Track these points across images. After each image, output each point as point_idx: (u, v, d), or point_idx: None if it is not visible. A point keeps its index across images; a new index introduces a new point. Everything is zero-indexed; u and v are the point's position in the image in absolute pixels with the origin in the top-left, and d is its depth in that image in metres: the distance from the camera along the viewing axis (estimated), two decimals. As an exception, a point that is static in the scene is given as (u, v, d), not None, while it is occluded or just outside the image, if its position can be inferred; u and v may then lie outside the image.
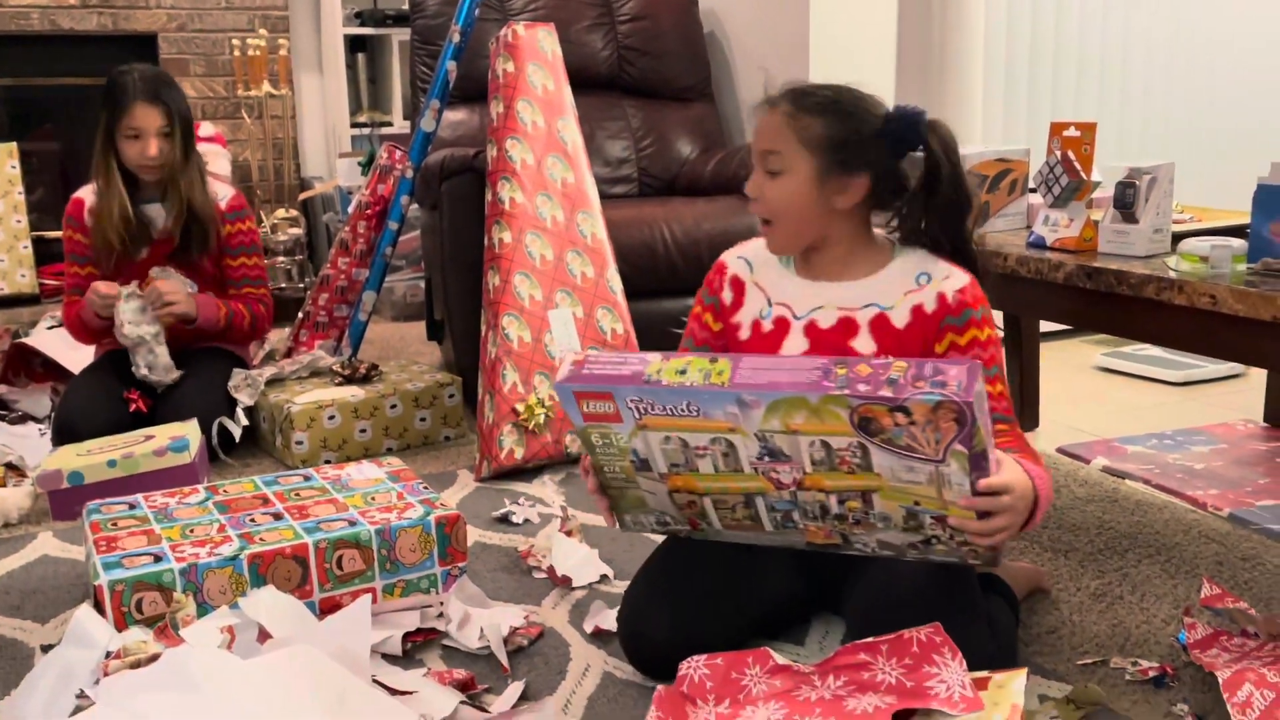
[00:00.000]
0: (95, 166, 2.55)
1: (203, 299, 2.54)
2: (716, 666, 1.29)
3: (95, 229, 2.52)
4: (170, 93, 2.51)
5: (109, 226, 2.50)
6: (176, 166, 2.52)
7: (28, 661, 1.58)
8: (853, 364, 1.16)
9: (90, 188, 2.57)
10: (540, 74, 2.49)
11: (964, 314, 1.39)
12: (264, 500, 1.81)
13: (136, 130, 2.47)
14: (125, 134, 2.49)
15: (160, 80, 2.52)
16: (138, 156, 2.49)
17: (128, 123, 2.47)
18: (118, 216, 2.50)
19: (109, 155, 2.52)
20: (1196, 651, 1.46)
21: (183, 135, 2.52)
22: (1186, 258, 1.60)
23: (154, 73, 2.54)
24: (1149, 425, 2.61)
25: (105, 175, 2.53)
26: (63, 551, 1.98)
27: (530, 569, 1.84)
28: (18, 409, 2.78)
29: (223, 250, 2.62)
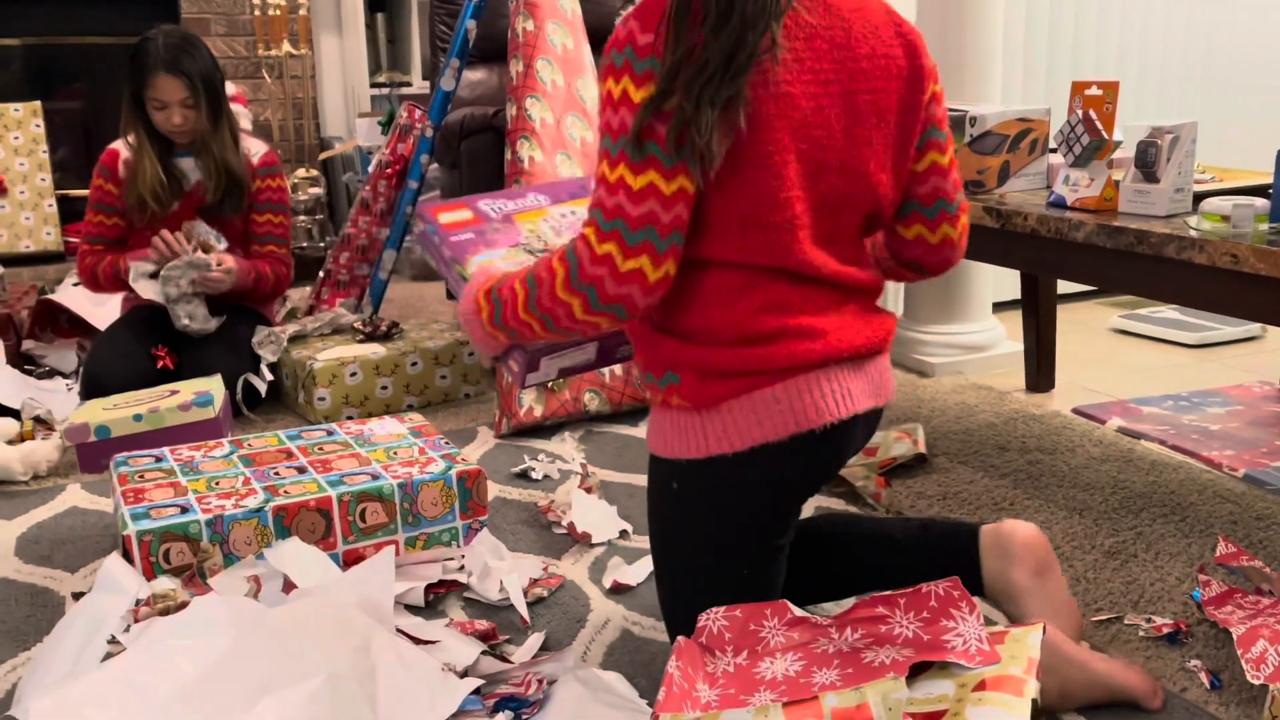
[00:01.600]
0: (124, 127, 2.57)
1: (239, 263, 2.56)
2: (735, 618, 1.30)
3: (129, 186, 2.55)
4: (193, 61, 2.49)
5: (143, 185, 2.52)
6: (206, 132, 2.54)
7: (59, 609, 1.61)
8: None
9: (125, 140, 2.59)
10: (560, 33, 2.48)
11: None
12: (288, 454, 1.83)
13: (160, 101, 2.50)
14: (151, 104, 2.51)
15: (183, 48, 2.50)
16: (164, 124, 2.52)
17: (151, 94, 2.49)
18: (150, 175, 2.52)
19: (137, 118, 2.54)
20: (1211, 608, 1.47)
21: (210, 101, 2.52)
22: (1208, 217, 1.59)
23: (178, 38, 2.51)
24: (1165, 387, 2.61)
25: (137, 140, 2.55)
26: (90, 503, 2.01)
27: (550, 524, 1.87)
28: (45, 364, 2.82)
29: (250, 205, 2.64)
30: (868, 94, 1.25)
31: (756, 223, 1.21)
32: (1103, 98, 1.82)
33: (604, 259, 1.16)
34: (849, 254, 1.29)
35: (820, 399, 1.24)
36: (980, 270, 2.77)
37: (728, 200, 1.19)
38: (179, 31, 2.57)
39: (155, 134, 2.54)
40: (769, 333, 1.23)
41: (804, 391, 1.23)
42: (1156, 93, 3.51)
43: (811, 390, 1.24)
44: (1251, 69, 3.61)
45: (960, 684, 1.13)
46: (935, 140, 1.33)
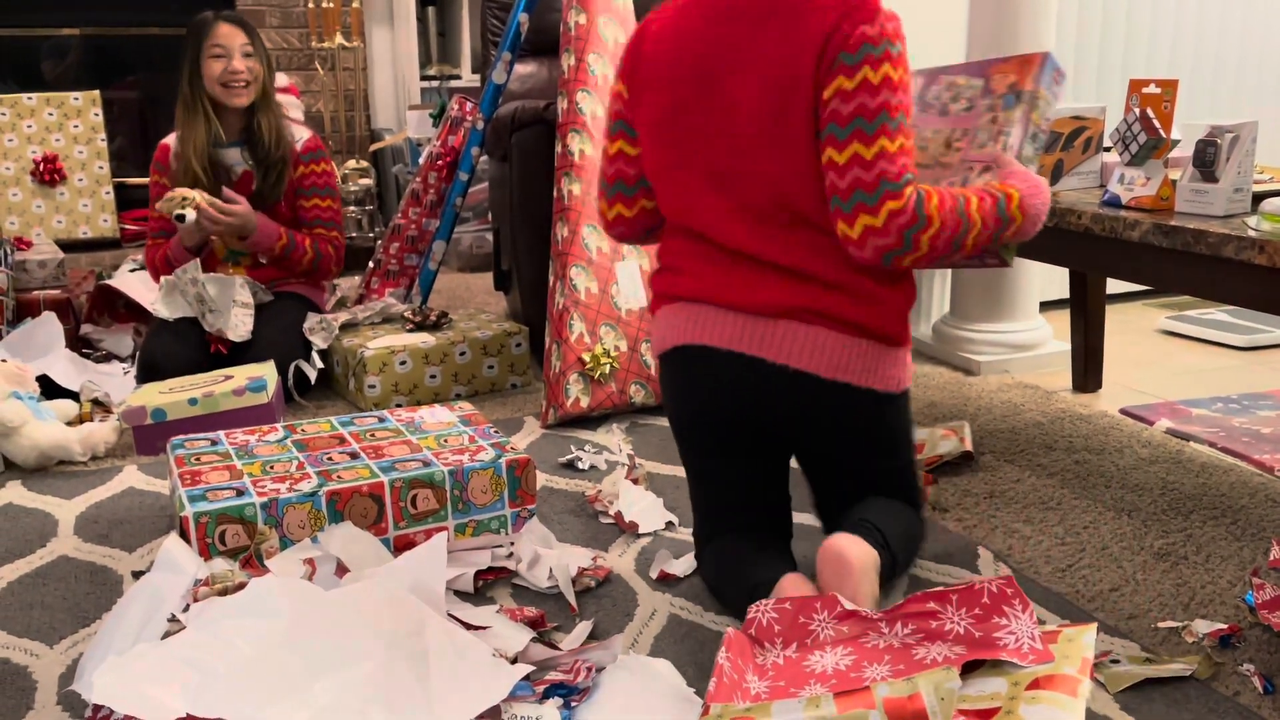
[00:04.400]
0: (180, 105, 2.61)
1: (263, 219, 2.59)
2: (785, 610, 1.31)
3: (178, 164, 2.59)
4: (250, 24, 2.62)
5: (192, 157, 2.57)
6: (263, 91, 2.61)
7: (117, 586, 1.65)
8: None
9: (176, 134, 2.64)
10: (612, 27, 2.50)
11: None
12: (340, 440, 1.86)
13: (221, 49, 2.55)
14: (211, 53, 2.56)
15: (239, 14, 2.67)
16: (224, 74, 2.56)
17: (212, 41, 2.55)
18: (200, 149, 2.57)
19: (195, 90, 2.59)
20: (1264, 612, 1.46)
21: (266, 64, 2.61)
22: (1268, 218, 1.58)
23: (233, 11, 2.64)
24: (1213, 389, 2.59)
25: (190, 110, 2.59)
26: (147, 484, 2.05)
27: (597, 513, 1.88)
28: (102, 348, 2.87)
29: (296, 191, 2.68)
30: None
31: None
32: (1161, 96, 1.81)
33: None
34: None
35: (667, 326, 1.54)
36: (1028, 269, 2.75)
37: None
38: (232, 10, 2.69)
39: (206, 118, 2.58)
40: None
41: (659, 321, 1.56)
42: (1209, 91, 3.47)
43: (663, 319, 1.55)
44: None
45: (1013, 682, 1.13)
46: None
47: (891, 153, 1.36)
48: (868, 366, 1.46)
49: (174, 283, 2.54)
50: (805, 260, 1.44)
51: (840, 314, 1.44)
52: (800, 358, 1.45)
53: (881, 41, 1.36)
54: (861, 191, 1.36)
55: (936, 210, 1.38)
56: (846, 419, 1.51)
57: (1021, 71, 1.61)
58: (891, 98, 1.37)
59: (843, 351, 1.45)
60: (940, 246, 1.39)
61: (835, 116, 1.37)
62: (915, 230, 1.37)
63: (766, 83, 1.41)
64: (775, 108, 1.41)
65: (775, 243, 1.45)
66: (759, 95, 1.42)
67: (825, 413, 1.49)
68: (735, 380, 1.49)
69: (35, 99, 3.71)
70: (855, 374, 1.46)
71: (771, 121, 1.42)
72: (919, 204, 1.37)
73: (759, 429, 1.54)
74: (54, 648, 1.48)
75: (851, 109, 1.36)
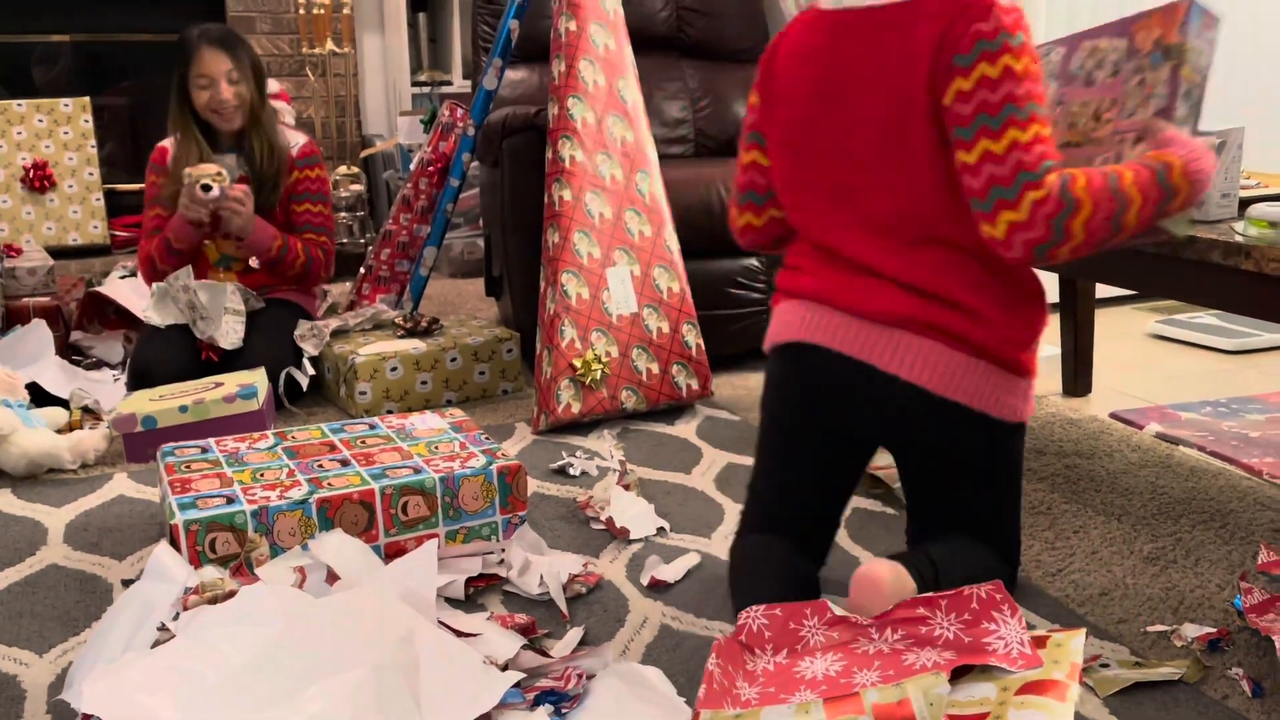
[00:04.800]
0: (171, 123, 2.62)
1: (261, 222, 2.59)
2: (775, 617, 1.31)
3: (171, 177, 2.59)
4: (236, 41, 2.60)
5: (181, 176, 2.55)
6: (256, 107, 2.61)
7: (107, 595, 1.65)
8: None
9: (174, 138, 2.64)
10: (602, 33, 2.50)
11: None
12: (331, 447, 1.86)
13: (207, 78, 2.55)
14: (197, 84, 2.56)
15: (225, 30, 2.62)
16: (211, 103, 2.56)
17: (197, 70, 2.55)
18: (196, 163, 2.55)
19: (184, 110, 2.59)
20: (1253, 616, 1.46)
21: (256, 81, 2.60)
22: (1255, 223, 1.59)
23: (221, 26, 2.62)
24: (1203, 393, 2.60)
25: (182, 129, 2.60)
26: (137, 492, 2.05)
27: (588, 519, 1.88)
28: (93, 355, 2.87)
29: (290, 196, 2.68)
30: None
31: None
32: (1148, 102, 1.81)
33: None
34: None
35: (782, 322, 1.54)
36: (1019, 274, 2.76)
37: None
38: (220, 25, 2.67)
39: (201, 128, 2.59)
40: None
41: (777, 315, 1.56)
42: (1200, 97, 3.48)
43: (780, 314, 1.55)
44: (1297, 74, 3.57)
45: (1002, 687, 1.13)
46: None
47: (1024, 142, 1.31)
48: (984, 390, 1.41)
49: (165, 289, 2.53)
50: (928, 279, 1.41)
51: (959, 331, 1.39)
52: (912, 369, 1.40)
53: (998, 35, 1.32)
54: (999, 187, 1.31)
55: (1085, 192, 1.31)
56: (953, 443, 1.46)
57: (1166, 24, 1.50)
58: (1016, 88, 1.32)
59: (958, 369, 1.40)
60: (1098, 230, 1.32)
61: (958, 119, 1.34)
62: (1064, 217, 1.30)
63: (885, 97, 1.39)
64: (895, 121, 1.39)
65: (898, 258, 1.42)
66: (879, 110, 1.40)
67: (931, 433, 1.45)
68: (842, 383, 1.46)
69: (25, 105, 3.70)
70: (970, 395, 1.41)
71: (893, 135, 1.39)
72: (1063, 189, 1.30)
73: (853, 438, 1.53)
74: (43, 656, 1.47)
75: (973, 107, 1.32)
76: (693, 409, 2.49)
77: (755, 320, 2.77)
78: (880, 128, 1.40)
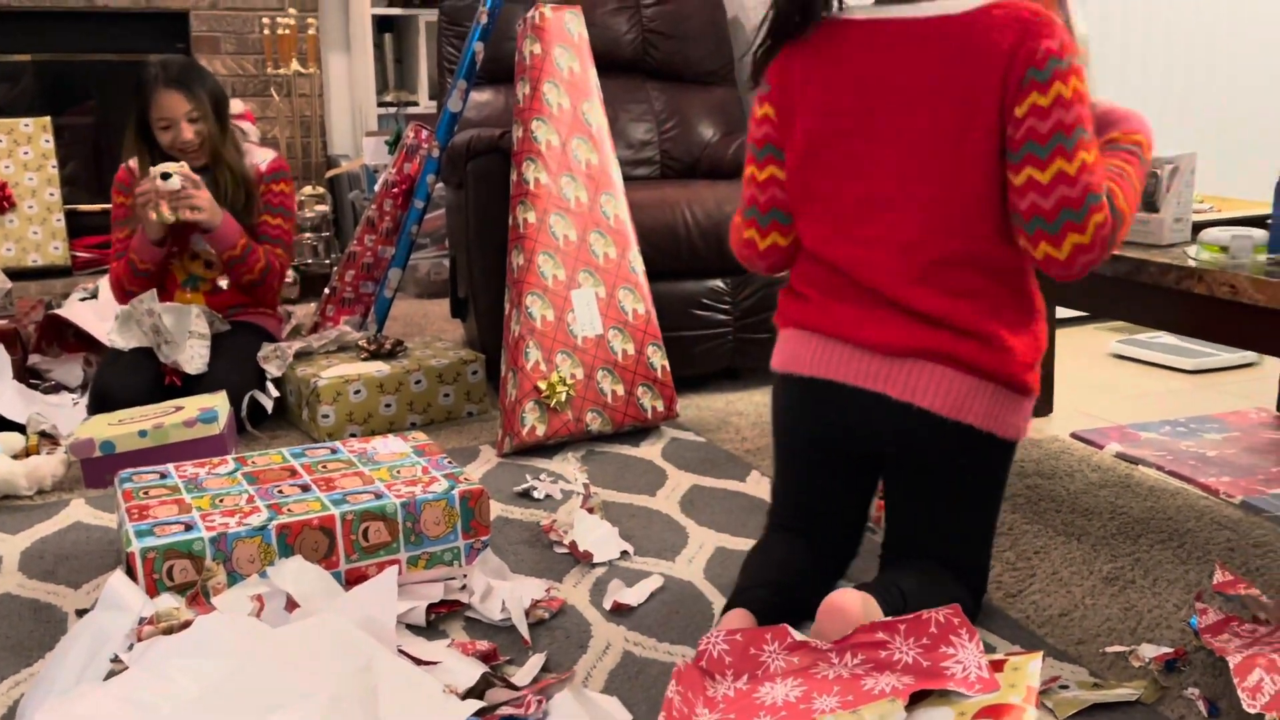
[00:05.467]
0: (127, 152, 2.60)
1: (228, 218, 2.57)
2: (736, 642, 1.31)
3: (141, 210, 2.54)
4: (194, 77, 2.56)
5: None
6: (218, 142, 2.58)
7: (61, 625, 1.62)
8: None
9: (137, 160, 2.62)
10: (566, 56, 2.51)
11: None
12: (292, 472, 1.84)
13: (166, 120, 2.54)
14: (158, 126, 2.55)
15: (183, 66, 2.58)
16: (174, 144, 2.56)
17: (156, 114, 2.53)
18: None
19: (145, 147, 2.57)
20: (1208, 636, 1.48)
21: (217, 113, 2.58)
22: (1207, 247, 1.61)
23: (179, 61, 2.60)
24: (1162, 412, 2.63)
25: (143, 164, 2.57)
26: (95, 519, 2.02)
27: (552, 543, 1.88)
28: (51, 378, 2.83)
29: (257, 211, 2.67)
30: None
31: None
32: (1103, 127, 1.84)
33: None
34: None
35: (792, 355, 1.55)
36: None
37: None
38: (180, 58, 2.64)
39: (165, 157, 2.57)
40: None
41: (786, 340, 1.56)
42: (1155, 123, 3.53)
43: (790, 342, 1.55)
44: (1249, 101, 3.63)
45: (960, 712, 1.14)
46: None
47: (1090, 165, 1.36)
48: (993, 411, 1.44)
49: (129, 313, 2.51)
50: (944, 308, 1.43)
51: (969, 359, 1.42)
52: (924, 396, 1.43)
53: (1066, 55, 1.35)
54: (1069, 210, 1.35)
55: (1125, 204, 1.39)
56: (956, 462, 1.49)
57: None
58: (1084, 111, 1.36)
59: (968, 393, 1.43)
60: (1126, 234, 1.42)
61: (1033, 134, 1.36)
62: (1115, 233, 1.38)
63: (940, 106, 1.40)
64: (952, 131, 1.40)
65: (915, 283, 1.44)
66: (932, 120, 1.40)
67: (937, 454, 1.48)
68: (856, 416, 1.49)
69: (-15, 125, 3.67)
70: (978, 416, 1.44)
71: (945, 145, 1.40)
72: (1113, 208, 1.37)
73: (867, 458, 1.55)
74: (-5, 689, 1.45)
75: (1050, 125, 1.35)
76: (658, 430, 2.49)
77: (720, 342, 2.78)
78: (930, 138, 1.41)
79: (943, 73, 1.39)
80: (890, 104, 1.43)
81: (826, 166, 1.49)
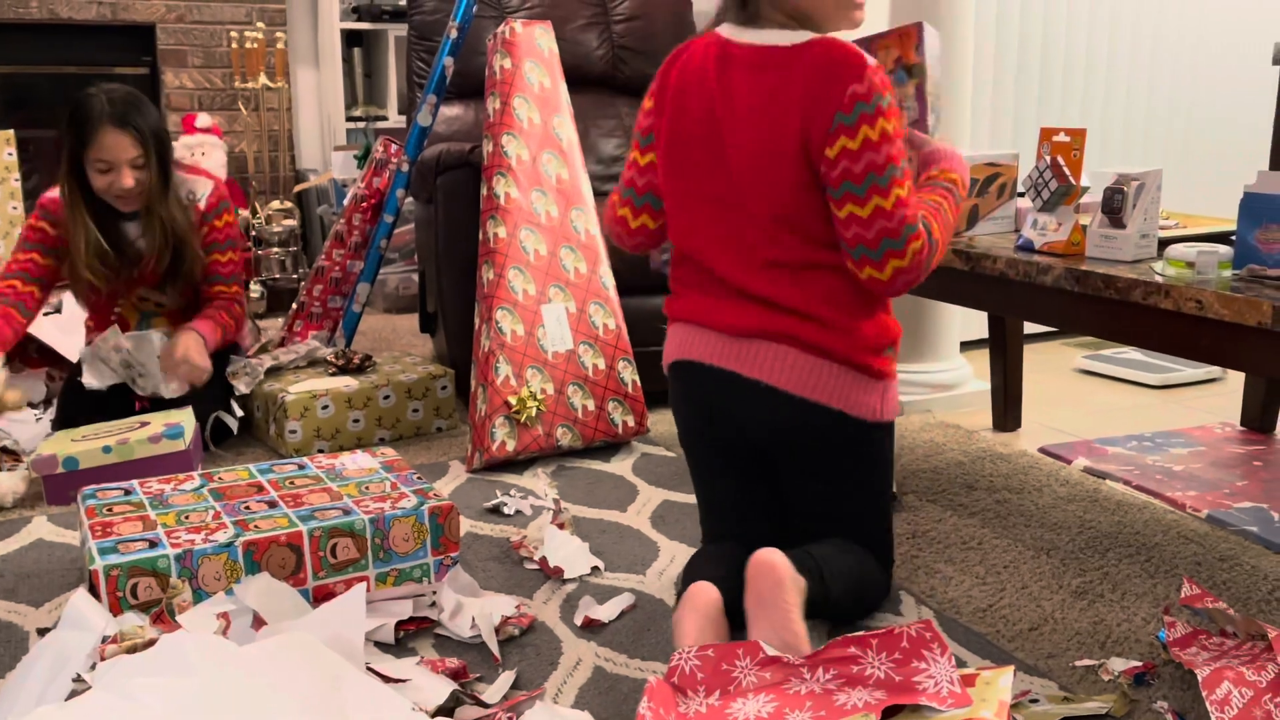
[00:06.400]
0: (62, 196, 2.39)
1: (206, 329, 2.48)
2: (708, 658, 1.31)
3: (72, 267, 2.41)
4: (141, 116, 2.34)
5: (82, 259, 2.38)
6: (155, 195, 2.38)
7: (22, 644, 1.59)
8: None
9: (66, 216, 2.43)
10: (537, 71, 2.51)
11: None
12: (259, 488, 1.82)
13: (106, 163, 2.32)
14: (95, 167, 2.33)
15: (130, 102, 2.34)
16: (109, 189, 2.35)
17: (95, 154, 2.31)
18: (93, 254, 2.38)
19: (75, 188, 2.37)
20: (1176, 650, 1.49)
21: (159, 159, 2.38)
22: (1173, 263, 1.63)
23: (123, 94, 2.35)
24: (1129, 427, 2.65)
25: (72, 209, 2.37)
26: (57, 536, 1.99)
27: (522, 560, 1.87)
28: (11, 395, 2.79)
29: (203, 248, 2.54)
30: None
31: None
32: (1070, 144, 1.86)
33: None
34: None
35: (671, 344, 1.68)
36: (948, 310, 2.81)
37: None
38: (123, 88, 2.38)
39: (95, 201, 2.39)
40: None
41: (669, 336, 1.69)
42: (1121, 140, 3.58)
43: (670, 336, 1.69)
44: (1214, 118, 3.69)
45: (931, 725, 1.13)
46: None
47: (905, 198, 1.48)
48: (838, 390, 1.55)
49: (94, 352, 2.44)
50: (786, 295, 1.55)
51: (809, 339, 1.54)
52: (772, 374, 1.56)
53: (873, 97, 1.46)
54: (889, 240, 1.48)
55: (941, 233, 1.54)
56: (817, 439, 1.59)
57: (904, 45, 1.73)
58: (893, 149, 1.48)
59: (811, 372, 1.55)
60: (939, 260, 1.56)
61: (849, 175, 1.47)
62: (931, 258, 1.52)
63: (758, 131, 1.52)
64: (766, 155, 1.52)
65: (761, 275, 1.56)
66: (753, 142, 1.53)
67: (800, 431, 1.59)
68: (718, 392, 1.61)
69: (-54, 138, 3.61)
70: (825, 394, 1.55)
71: (763, 167, 1.52)
72: (930, 235, 1.51)
73: (748, 446, 1.65)
74: (-47, 710, 1.42)
75: (863, 166, 1.46)
76: (629, 446, 2.48)
77: (691, 357, 2.77)
78: (751, 157, 1.54)
79: (764, 101, 1.51)
80: (730, 120, 1.55)
81: (680, 169, 1.63)
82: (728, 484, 1.70)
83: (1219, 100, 3.67)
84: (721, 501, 1.71)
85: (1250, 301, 1.49)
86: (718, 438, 1.66)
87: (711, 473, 1.71)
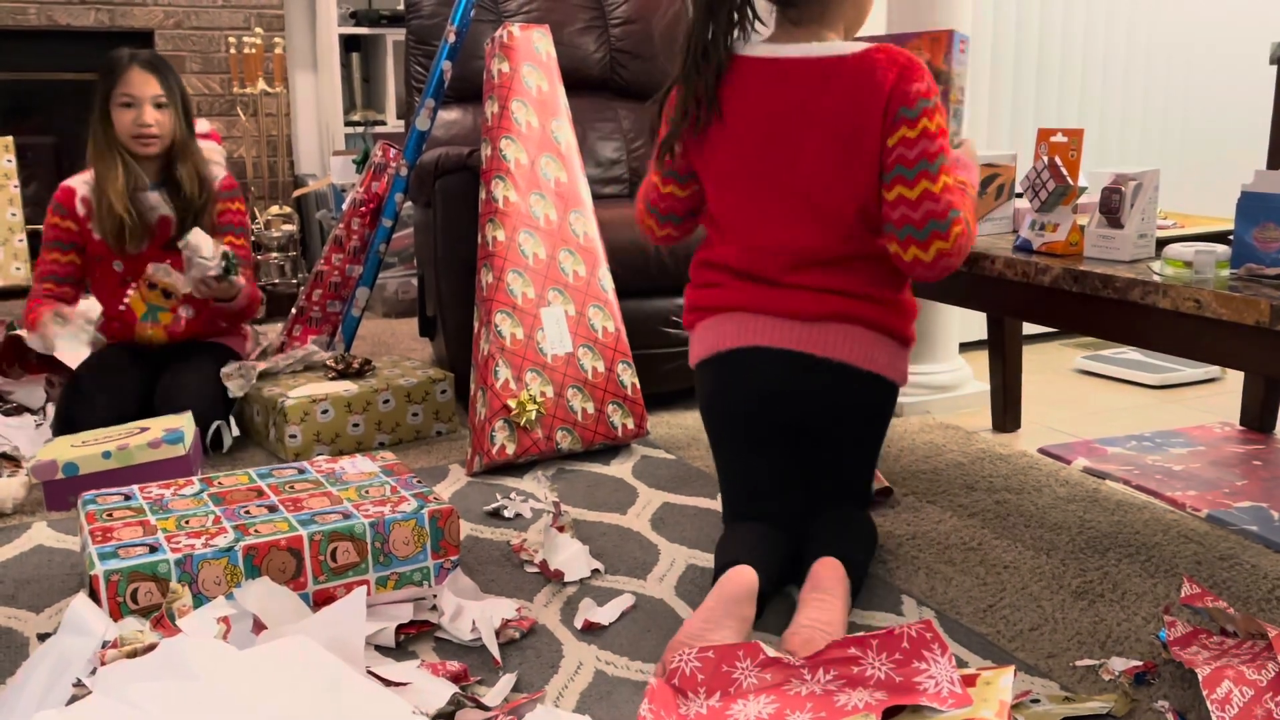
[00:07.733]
0: (92, 146, 2.51)
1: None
2: (708, 659, 1.31)
3: (99, 208, 2.49)
4: (168, 68, 2.53)
5: (114, 201, 2.46)
6: (181, 139, 2.53)
7: (23, 650, 1.59)
8: None
9: (81, 177, 2.56)
10: (535, 75, 2.51)
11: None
12: (259, 493, 1.82)
13: (130, 97, 2.45)
14: (119, 101, 2.45)
15: (159, 56, 2.56)
16: (132, 125, 2.46)
17: (121, 89, 2.45)
18: (121, 194, 2.47)
19: (109, 137, 2.49)
20: (1176, 649, 1.49)
21: (183, 111, 2.54)
22: (1171, 263, 1.63)
23: (152, 52, 2.57)
24: (1128, 427, 2.65)
25: (106, 155, 2.49)
26: (57, 541, 1.99)
27: (522, 563, 1.87)
28: (13, 400, 2.79)
29: (214, 229, 2.62)
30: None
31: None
32: (1068, 144, 1.86)
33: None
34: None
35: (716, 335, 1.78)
36: (948, 311, 2.81)
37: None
38: (152, 51, 2.61)
39: (124, 164, 2.49)
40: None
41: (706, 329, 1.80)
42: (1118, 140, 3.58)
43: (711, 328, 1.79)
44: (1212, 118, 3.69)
45: (931, 725, 1.13)
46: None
47: (951, 185, 1.62)
48: (890, 361, 1.73)
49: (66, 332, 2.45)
50: (844, 282, 1.70)
51: (871, 317, 1.71)
52: (841, 350, 1.70)
53: (932, 95, 1.63)
54: (935, 221, 1.61)
55: (972, 222, 1.67)
56: (867, 405, 1.77)
57: (934, 50, 1.81)
58: (944, 141, 1.63)
59: (874, 345, 1.71)
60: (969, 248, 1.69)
61: (902, 160, 1.61)
62: (968, 244, 1.66)
63: (830, 134, 1.64)
64: (840, 154, 1.64)
65: (817, 273, 1.70)
66: (822, 144, 1.65)
67: (854, 399, 1.74)
68: (785, 374, 1.72)
69: (-56, 145, 3.62)
70: (882, 366, 1.72)
71: (836, 166, 1.65)
72: (966, 222, 1.64)
73: (796, 424, 1.76)
74: (-47, 716, 1.42)
75: (916, 154, 1.61)
76: (628, 448, 2.48)
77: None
78: (823, 159, 1.66)
79: (834, 106, 1.63)
80: (792, 131, 1.66)
81: (743, 183, 1.73)
82: (768, 464, 1.79)
83: (1216, 100, 3.67)
84: (758, 481, 1.80)
85: (1248, 301, 1.49)
86: (771, 420, 1.75)
87: (754, 455, 1.79)
